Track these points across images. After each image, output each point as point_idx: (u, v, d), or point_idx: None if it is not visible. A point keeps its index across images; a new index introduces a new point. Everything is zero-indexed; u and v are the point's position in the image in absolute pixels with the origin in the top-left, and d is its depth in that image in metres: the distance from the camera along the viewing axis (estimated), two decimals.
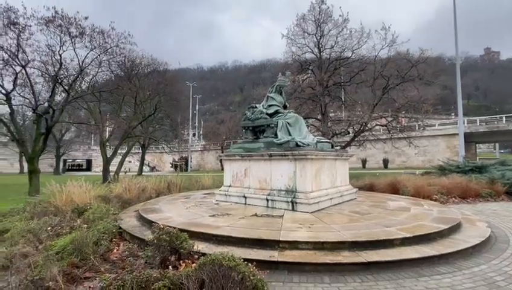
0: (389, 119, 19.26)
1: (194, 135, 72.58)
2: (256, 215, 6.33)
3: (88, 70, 16.53)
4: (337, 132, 19.72)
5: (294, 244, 4.42)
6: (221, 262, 2.94)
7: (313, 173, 7.11)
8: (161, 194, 11.05)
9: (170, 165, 52.38)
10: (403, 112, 19.31)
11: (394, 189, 10.77)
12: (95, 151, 55.55)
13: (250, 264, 3.01)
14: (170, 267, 3.75)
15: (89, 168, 62.07)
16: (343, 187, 8.45)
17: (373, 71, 18.56)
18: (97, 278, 3.81)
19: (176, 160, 49.87)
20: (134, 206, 8.25)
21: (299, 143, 7.35)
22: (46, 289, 3.05)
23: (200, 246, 4.43)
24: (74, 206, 7.62)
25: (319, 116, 21.27)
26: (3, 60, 12.32)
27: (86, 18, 13.53)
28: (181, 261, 3.95)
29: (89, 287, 3.60)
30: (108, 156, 21.96)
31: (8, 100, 12.66)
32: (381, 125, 19.99)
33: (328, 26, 20.07)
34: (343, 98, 22.14)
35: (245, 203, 7.75)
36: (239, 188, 8.19)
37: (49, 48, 13.63)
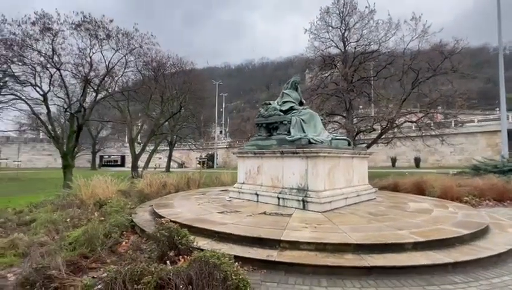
0: (420, 115, 18.05)
1: (220, 132, 73.87)
2: (265, 213, 6.25)
3: (116, 71, 17.49)
4: (361, 128, 18.89)
5: (295, 245, 4.29)
6: (208, 260, 2.92)
7: (326, 171, 6.86)
8: (180, 190, 11.35)
9: (197, 162, 53.79)
10: (438, 106, 17.99)
11: (420, 189, 10.10)
12: (128, 148, 58.55)
13: (236, 263, 2.96)
14: (168, 262, 3.81)
15: (123, 163, 65.57)
16: (360, 187, 8.08)
17: (402, 65, 17.49)
18: (101, 269, 3.99)
19: (203, 157, 51.07)
20: (151, 201, 8.54)
21: (311, 140, 7.13)
22: (48, 277, 3.22)
23: (202, 243, 4.46)
24: (96, 200, 8.07)
25: (344, 113, 20.55)
26: (40, 63, 13.41)
27: (111, 21, 14.31)
28: (180, 257, 4.00)
29: (93, 277, 3.78)
30: (136, 152, 23.01)
31: (45, 100, 13.75)
32: (411, 122, 18.78)
33: (354, 19, 19.28)
34: (370, 94, 21.20)
35: (257, 201, 7.70)
36: (252, 186, 8.16)
37: (80, 51, 14.57)
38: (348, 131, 19.75)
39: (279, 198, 7.19)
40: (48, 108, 13.98)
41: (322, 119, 8.75)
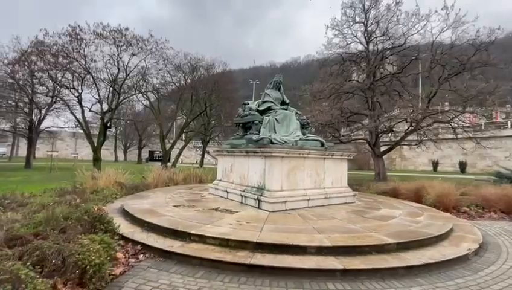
0: (451, 116, 16.17)
1: None
2: (216, 209, 6.53)
3: (150, 74, 19.29)
4: (381, 129, 17.68)
5: (202, 238, 4.52)
6: (83, 242, 3.39)
7: (284, 171, 6.86)
8: (180, 183, 12.16)
9: None
10: (468, 105, 15.96)
11: (418, 196, 9.28)
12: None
13: (98, 246, 3.38)
14: (84, 241, 4.39)
15: (169, 159, 70.88)
16: (333, 189, 7.80)
17: (430, 59, 15.91)
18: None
19: None
20: (139, 193, 9.37)
21: (273, 140, 7.18)
22: None
23: (128, 230, 5.00)
24: (94, 189, 9.21)
25: (367, 113, 19.39)
26: (74, 71, 15.52)
27: (127, 29, 15.87)
28: None
29: (27, 250, 4.54)
30: (166, 148, 24.85)
31: (79, 102, 15.87)
32: (441, 122, 16.91)
33: (380, 11, 18.10)
34: (400, 92, 19.66)
35: (227, 198, 7.99)
36: (226, 183, 8.46)
37: (111, 56, 16.43)
38: (371, 132, 18.68)
39: (242, 196, 7.39)
40: (82, 108, 16.16)
41: (299, 119, 8.62)
